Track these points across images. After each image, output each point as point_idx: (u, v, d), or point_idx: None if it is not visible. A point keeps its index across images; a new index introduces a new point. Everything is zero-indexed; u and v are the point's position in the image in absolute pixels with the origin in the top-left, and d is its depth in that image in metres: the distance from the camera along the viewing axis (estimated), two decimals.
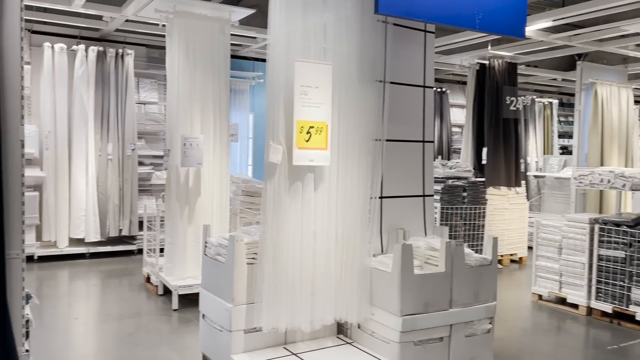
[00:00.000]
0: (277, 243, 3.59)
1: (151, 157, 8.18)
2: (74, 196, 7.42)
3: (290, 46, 3.58)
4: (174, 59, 5.51)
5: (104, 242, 7.68)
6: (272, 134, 3.59)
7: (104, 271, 7.04)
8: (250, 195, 6.00)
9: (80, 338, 4.76)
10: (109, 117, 7.56)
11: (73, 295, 6.14)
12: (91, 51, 7.37)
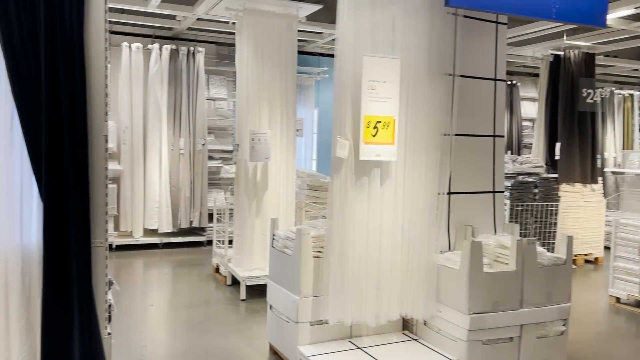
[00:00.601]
0: (343, 237, 3.62)
1: (220, 151, 8.42)
2: (149, 188, 7.77)
3: (358, 40, 3.58)
4: (243, 55, 5.65)
5: (176, 233, 8.00)
6: (339, 129, 3.61)
7: (176, 261, 7.35)
8: (315, 189, 6.06)
9: (155, 324, 5.00)
10: (181, 113, 7.86)
11: (147, 283, 6.45)
12: (165, 50, 7.68)
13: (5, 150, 2.66)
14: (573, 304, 3.90)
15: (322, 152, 9.90)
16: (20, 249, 2.71)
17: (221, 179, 8.43)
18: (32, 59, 2.59)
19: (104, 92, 2.89)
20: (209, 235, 7.96)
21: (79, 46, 2.67)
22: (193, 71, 7.85)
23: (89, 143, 2.77)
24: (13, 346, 2.70)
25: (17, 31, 2.55)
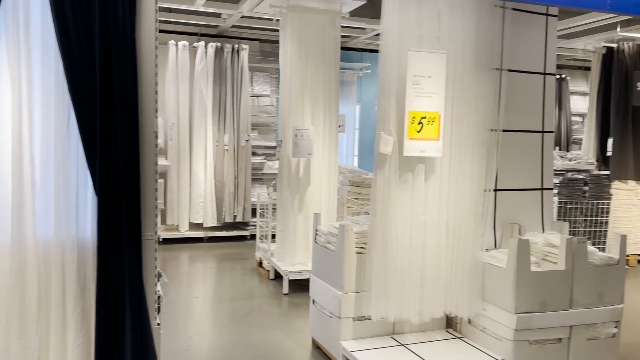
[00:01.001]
0: (386, 233, 3.61)
1: (263, 147, 8.52)
2: (194, 184, 7.95)
3: (403, 35, 3.55)
4: (287, 52, 5.69)
5: (220, 227, 8.16)
6: (383, 124, 3.60)
7: (220, 254, 7.49)
8: (357, 185, 6.06)
9: (200, 316, 5.12)
10: (226, 110, 8.00)
11: (192, 275, 6.61)
12: (210, 47, 7.83)
13: (62, 146, 2.77)
14: (625, 306, 3.76)
15: (364, 148, 9.87)
16: (76, 241, 2.82)
17: (264, 174, 8.54)
18: (88, 58, 2.68)
19: (154, 90, 2.97)
20: (252, 230, 8.08)
21: (131, 45, 2.76)
22: (237, 68, 7.96)
23: (140, 139, 2.86)
24: (69, 334, 2.82)
25: (74, 31, 2.65)
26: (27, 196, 2.72)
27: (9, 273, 2.72)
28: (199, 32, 8.07)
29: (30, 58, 2.68)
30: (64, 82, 2.70)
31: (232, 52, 7.95)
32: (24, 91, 2.68)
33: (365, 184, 5.95)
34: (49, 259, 2.79)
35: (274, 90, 8.54)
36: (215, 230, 8.13)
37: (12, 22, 2.63)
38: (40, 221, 2.77)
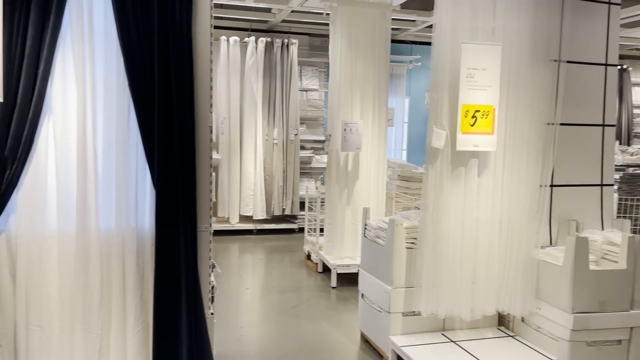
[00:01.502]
0: (437, 229, 3.57)
1: (311, 141, 8.57)
2: (244, 177, 8.10)
3: (457, 27, 3.48)
4: (337, 46, 5.69)
5: (269, 220, 8.28)
6: (435, 118, 3.55)
7: (269, 247, 7.61)
8: (406, 180, 6.00)
9: (250, 306, 5.22)
10: (275, 104, 8.08)
11: (243, 267, 6.74)
12: (260, 42, 7.92)
13: (123, 141, 2.89)
14: None
15: (413, 142, 9.77)
16: (135, 232, 2.94)
17: (312, 168, 8.59)
18: (147, 55, 2.78)
19: (209, 86, 3.05)
20: (301, 223, 8.16)
21: (187, 42, 2.84)
22: (287, 63, 8.03)
23: (196, 134, 2.94)
24: (129, 320, 2.95)
25: (134, 30, 2.75)
26: (91, 189, 2.84)
27: (73, 262, 2.86)
28: (250, 27, 8.17)
29: (94, 57, 2.80)
30: (124, 79, 2.81)
31: (281, 47, 8.02)
32: (88, 88, 2.81)
33: (414, 178, 5.88)
34: (110, 248, 2.92)
35: (322, 84, 8.56)
36: (264, 222, 8.25)
37: (77, 22, 2.75)
38: (103, 213, 2.90)
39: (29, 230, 2.79)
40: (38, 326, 2.83)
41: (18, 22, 2.59)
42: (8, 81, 2.58)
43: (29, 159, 2.72)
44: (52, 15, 2.64)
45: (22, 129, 2.65)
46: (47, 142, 2.78)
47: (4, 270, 2.76)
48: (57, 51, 2.71)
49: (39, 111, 2.69)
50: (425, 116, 9.87)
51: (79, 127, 2.80)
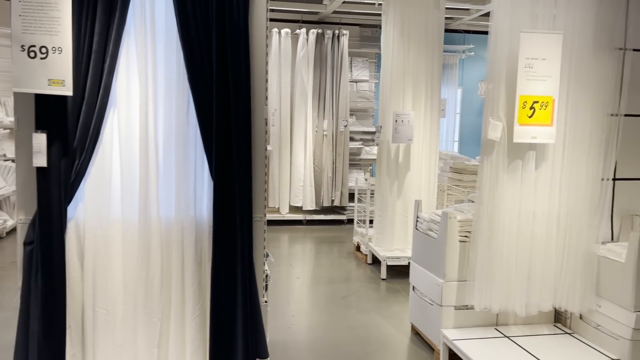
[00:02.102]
0: (492, 222, 3.51)
1: (361, 132, 8.56)
2: (294, 168, 8.18)
3: (516, 15, 3.38)
4: (389, 36, 5.64)
5: (318, 210, 8.35)
6: (492, 109, 3.48)
7: (318, 237, 7.67)
8: (458, 172, 5.90)
9: (301, 295, 5.30)
10: (325, 96, 8.11)
11: (293, 256, 6.84)
12: (311, 34, 7.95)
13: (182, 132, 2.98)
14: None
15: (465, 133, 9.59)
16: (194, 220, 3.04)
17: (361, 159, 8.59)
18: (205, 50, 2.85)
19: (264, 78, 3.10)
20: (349, 214, 8.18)
21: (244, 36, 2.89)
22: (337, 54, 8.03)
23: (252, 126, 3.00)
24: (188, 305, 3.05)
25: (193, 25, 2.83)
26: (152, 180, 2.96)
27: (136, 249, 2.98)
28: (301, 19, 8.21)
29: (155, 52, 2.90)
30: (184, 73, 2.90)
31: (332, 38, 8.02)
32: (150, 82, 2.91)
33: (467, 170, 5.78)
34: (170, 237, 3.03)
35: (372, 75, 8.52)
36: (313, 213, 8.32)
37: (140, 19, 2.85)
38: (163, 202, 3.01)
39: (95, 217, 2.93)
40: (103, 309, 2.98)
41: (86, 20, 2.71)
42: (77, 76, 2.70)
43: (95, 150, 2.85)
44: (117, 12, 2.75)
45: (90, 122, 2.78)
46: (112, 134, 2.91)
47: (72, 255, 2.91)
48: (121, 47, 2.82)
49: (105, 104, 2.81)
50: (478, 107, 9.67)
51: (141, 120, 2.91)
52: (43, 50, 2.56)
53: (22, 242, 2.81)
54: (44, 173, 2.71)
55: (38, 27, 2.55)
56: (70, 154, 2.77)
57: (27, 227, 2.80)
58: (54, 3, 2.54)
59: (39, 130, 2.68)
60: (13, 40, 2.57)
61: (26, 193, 2.82)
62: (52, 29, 2.55)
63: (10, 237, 6.88)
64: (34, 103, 2.71)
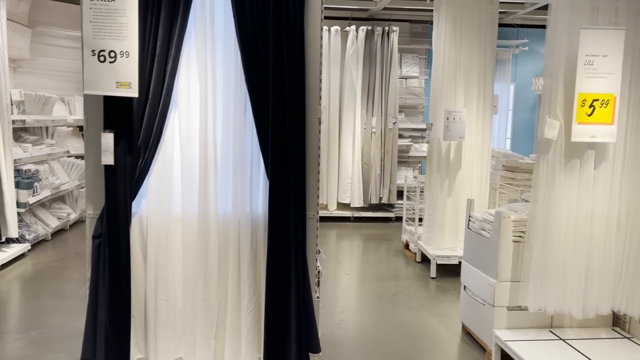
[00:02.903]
0: (548, 222, 3.44)
1: (410, 129, 8.51)
2: (342, 165, 8.23)
3: (575, 8, 3.29)
4: (441, 32, 5.59)
5: (366, 208, 8.37)
6: (548, 107, 3.40)
7: (366, 234, 7.70)
8: (511, 170, 5.78)
9: (350, 292, 5.35)
10: (374, 93, 8.10)
11: (341, 253, 6.89)
12: (360, 31, 7.95)
13: (240, 131, 3.08)
14: None
15: (518, 130, 9.37)
16: (250, 216, 3.13)
17: (410, 157, 8.54)
18: (262, 51, 2.93)
19: (318, 78, 3.15)
20: (397, 212, 8.16)
21: (300, 37, 2.95)
22: (387, 50, 8.00)
23: (306, 126, 3.06)
24: (243, 299, 3.16)
25: (251, 27, 2.91)
26: (211, 177, 3.07)
27: (195, 243, 3.11)
28: (350, 16, 8.23)
29: (215, 54, 3.01)
30: (241, 74, 2.99)
31: (382, 35, 8.00)
32: (209, 83, 3.02)
33: (520, 168, 5.66)
34: (227, 232, 3.14)
35: (422, 71, 8.45)
36: (361, 210, 8.35)
37: (200, 22, 2.96)
38: (221, 199, 3.12)
39: (157, 213, 3.07)
40: (164, 300, 3.12)
41: (150, 25, 2.83)
42: (141, 78, 2.84)
43: (158, 149, 2.99)
44: (179, 16, 2.87)
45: (153, 121, 2.91)
46: (173, 133, 3.04)
47: (136, 248, 3.06)
48: (182, 49, 2.93)
49: (167, 105, 2.94)
50: (532, 103, 9.43)
51: (201, 120, 3.03)
52: (112, 55, 2.71)
53: (90, 235, 2.98)
54: (111, 170, 2.87)
55: (107, 32, 2.69)
56: (135, 153, 2.91)
57: (95, 221, 2.97)
58: (122, 9, 2.67)
59: (107, 130, 2.84)
60: (84, 45, 2.73)
61: (94, 189, 2.99)
62: (120, 34, 2.69)
63: (73, 230, 7.25)
64: (102, 104, 2.87)
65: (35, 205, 6.39)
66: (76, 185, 7.32)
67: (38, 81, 7.13)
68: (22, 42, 6.73)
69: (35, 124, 6.80)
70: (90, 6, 2.68)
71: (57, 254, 6.17)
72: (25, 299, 4.88)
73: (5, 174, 5.43)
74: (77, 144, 7.69)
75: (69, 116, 7.38)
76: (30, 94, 6.30)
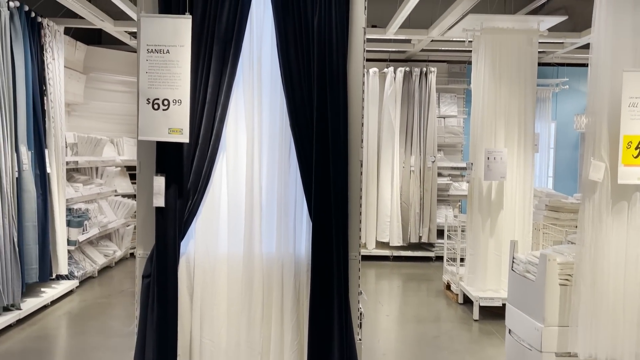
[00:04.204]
0: (596, 266, 3.36)
1: (449, 168, 8.47)
2: (381, 203, 8.23)
3: (618, 49, 3.29)
4: (480, 73, 5.64)
5: (405, 247, 8.29)
6: (593, 149, 3.37)
7: (405, 274, 7.61)
8: (554, 210, 5.68)
9: (391, 334, 5.28)
10: (412, 131, 8.15)
11: (380, 293, 6.83)
12: (399, 72, 8.08)
13: (284, 174, 3.17)
14: None
15: (560, 168, 9.21)
16: (293, 257, 3.19)
17: (450, 195, 8.47)
18: (307, 98, 3.05)
19: (360, 123, 3.23)
20: (437, 251, 8.05)
21: (343, 86, 3.06)
22: (425, 90, 8.08)
23: (349, 167, 3.13)
24: (286, 341, 3.18)
25: (296, 76, 3.04)
26: (256, 218, 3.16)
27: (240, 284, 3.18)
28: (388, 57, 8.38)
29: (261, 100, 3.14)
30: (286, 119, 3.10)
31: (420, 75, 8.09)
32: (256, 127, 3.14)
33: (564, 209, 5.56)
34: (271, 272, 3.20)
35: (461, 110, 8.47)
36: (400, 249, 8.28)
37: (248, 71, 3.11)
38: (265, 239, 3.19)
39: (204, 252, 3.16)
40: (209, 340, 3.17)
41: (201, 74, 3.00)
42: (191, 125, 2.98)
43: (206, 191, 3.10)
44: (228, 65, 3.02)
45: (202, 165, 3.04)
46: (221, 176, 3.15)
47: (183, 288, 3.15)
48: (231, 96, 3.08)
49: (216, 149, 3.06)
50: (574, 141, 9.28)
51: (247, 163, 3.14)
52: (165, 103, 2.87)
53: (140, 274, 3.09)
54: (162, 212, 2.99)
55: (162, 82, 2.86)
56: (184, 195, 3.03)
57: (145, 261, 3.08)
58: (176, 61, 2.84)
59: (158, 174, 2.97)
60: (140, 94, 2.90)
61: (145, 230, 3.12)
62: (173, 83, 2.85)
63: (118, 267, 7.46)
64: (154, 149, 3.02)
65: (84, 243, 6.62)
66: (122, 224, 7.57)
67: (90, 124, 7.51)
68: (77, 87, 7.13)
69: (87, 164, 7.12)
70: (147, 58, 2.86)
71: (103, 291, 6.35)
72: (73, 335, 5.03)
73: (59, 213, 5.68)
74: (124, 184, 7.99)
75: (117, 157, 7.70)
76: (83, 136, 6.64)
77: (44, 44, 5.52)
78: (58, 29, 5.85)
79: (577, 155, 9.18)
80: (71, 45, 6.86)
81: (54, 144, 5.62)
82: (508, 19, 5.55)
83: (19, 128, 4.94)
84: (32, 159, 5.12)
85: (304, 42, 3.02)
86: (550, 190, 7.16)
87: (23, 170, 4.97)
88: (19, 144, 4.93)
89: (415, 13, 5.94)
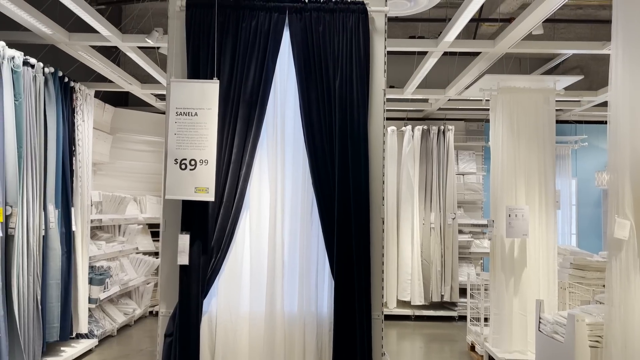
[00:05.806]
0: (627, 326, 3.25)
1: (470, 225, 8.40)
2: (401, 261, 8.14)
3: (636, 105, 3.32)
4: (498, 132, 5.70)
5: (427, 306, 8.11)
6: (617, 206, 3.34)
7: (428, 334, 7.41)
8: (580, 269, 5.55)
9: None
10: (432, 189, 8.17)
11: (403, 355, 6.63)
12: (417, 130, 8.20)
13: (307, 231, 3.20)
14: None
15: (583, 226, 9.07)
16: (315, 316, 3.16)
17: (471, 253, 8.35)
18: (329, 157, 3.12)
19: (381, 180, 3.28)
20: (460, 311, 7.85)
21: (364, 143, 3.13)
22: (443, 148, 8.16)
23: (370, 226, 3.15)
24: None
25: (318, 135, 3.13)
26: (278, 276, 3.17)
27: (262, 342, 3.15)
28: (406, 116, 8.54)
29: (285, 160, 3.22)
30: (308, 177, 3.17)
31: (438, 133, 8.19)
32: (279, 186, 3.20)
33: (590, 267, 5.43)
34: (293, 331, 3.17)
35: (480, 167, 8.49)
36: (422, 308, 8.10)
37: (272, 132, 3.22)
38: (287, 298, 3.18)
39: (226, 311, 3.16)
40: None
41: (227, 134, 3.10)
42: (217, 183, 3.06)
43: (230, 249, 3.13)
44: (254, 126, 3.13)
45: (226, 223, 3.09)
46: (244, 234, 3.19)
47: (205, 347, 3.12)
48: (255, 156, 3.16)
49: (240, 207, 3.12)
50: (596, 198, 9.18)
51: (270, 221, 3.19)
52: (192, 163, 2.96)
53: (162, 333, 3.08)
54: (185, 270, 3.02)
55: (189, 143, 2.96)
56: (208, 253, 3.07)
57: (168, 320, 3.08)
58: (203, 123, 2.96)
59: (184, 232, 3.02)
60: (168, 154, 3.00)
61: (168, 288, 3.14)
62: (201, 144, 2.96)
63: (137, 325, 7.40)
64: (180, 208, 3.08)
65: (104, 301, 6.63)
66: (142, 281, 7.58)
67: (114, 182, 7.69)
68: (104, 147, 7.37)
69: (110, 222, 7.24)
70: (176, 120, 2.98)
71: (121, 350, 6.28)
72: None
73: (82, 271, 5.73)
74: (145, 241, 8.07)
75: (140, 215, 7.82)
76: (107, 194, 6.79)
77: (75, 107, 5.77)
78: (89, 93, 6.12)
79: (599, 212, 9.05)
80: (100, 107, 7.15)
81: (80, 203, 5.75)
82: (524, 79, 5.66)
83: (48, 187, 5.09)
84: (59, 217, 5.23)
85: (325, 102, 3.13)
86: (575, 247, 7.02)
87: (50, 228, 5.07)
88: (47, 202, 5.06)
89: (432, 73, 6.10)
